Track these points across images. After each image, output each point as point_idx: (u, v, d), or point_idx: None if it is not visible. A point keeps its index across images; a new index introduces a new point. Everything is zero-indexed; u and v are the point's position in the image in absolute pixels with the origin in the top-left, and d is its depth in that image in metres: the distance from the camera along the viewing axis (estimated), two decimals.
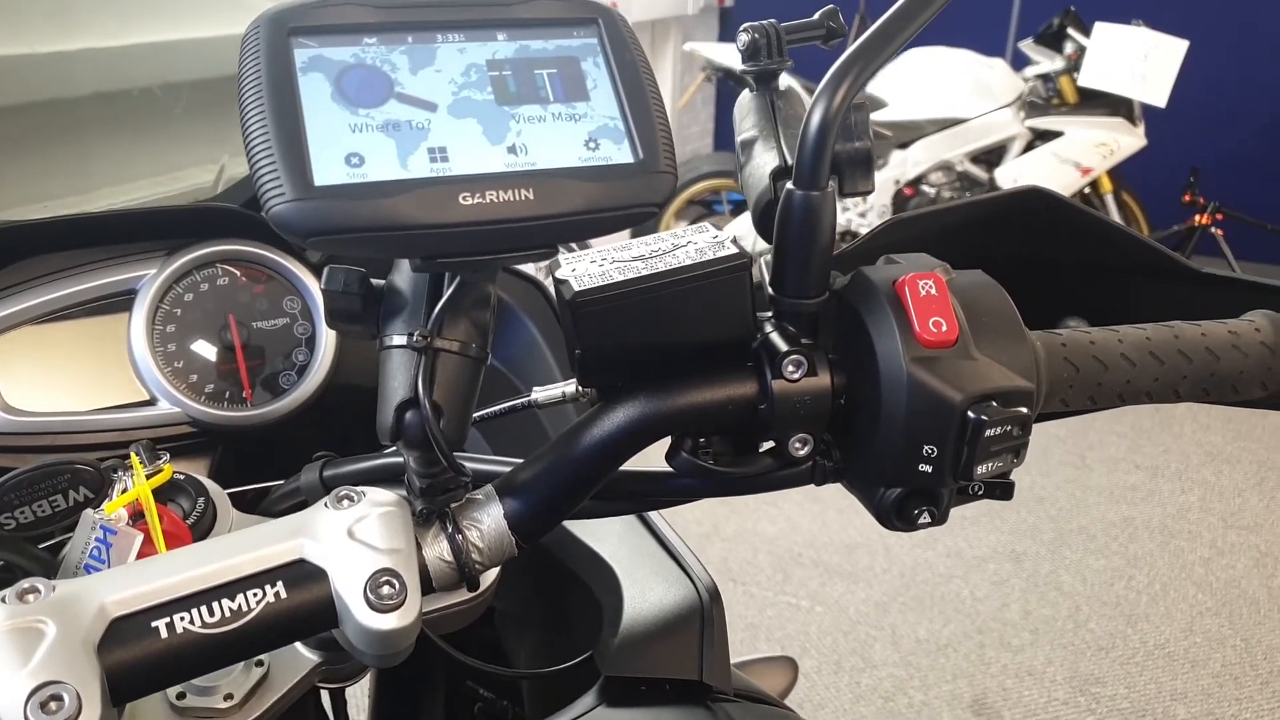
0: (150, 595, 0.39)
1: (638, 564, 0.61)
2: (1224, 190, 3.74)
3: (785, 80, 0.54)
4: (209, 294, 0.69)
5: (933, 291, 0.43)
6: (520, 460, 0.48)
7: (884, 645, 2.28)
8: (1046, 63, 3.75)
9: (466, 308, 0.43)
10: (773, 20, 0.52)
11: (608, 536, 0.63)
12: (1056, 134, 3.66)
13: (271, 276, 0.71)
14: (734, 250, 0.44)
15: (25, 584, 0.39)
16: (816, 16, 0.52)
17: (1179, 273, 0.57)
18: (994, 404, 0.42)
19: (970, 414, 0.41)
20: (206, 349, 0.68)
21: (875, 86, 3.82)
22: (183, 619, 0.39)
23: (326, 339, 0.71)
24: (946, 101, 3.69)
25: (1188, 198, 3.68)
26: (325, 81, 0.37)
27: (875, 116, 3.66)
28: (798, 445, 0.45)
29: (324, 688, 0.53)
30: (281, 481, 0.62)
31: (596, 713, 0.51)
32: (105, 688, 0.37)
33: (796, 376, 0.44)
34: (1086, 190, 3.66)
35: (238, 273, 0.70)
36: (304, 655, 0.51)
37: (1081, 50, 3.49)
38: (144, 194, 0.87)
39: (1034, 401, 0.43)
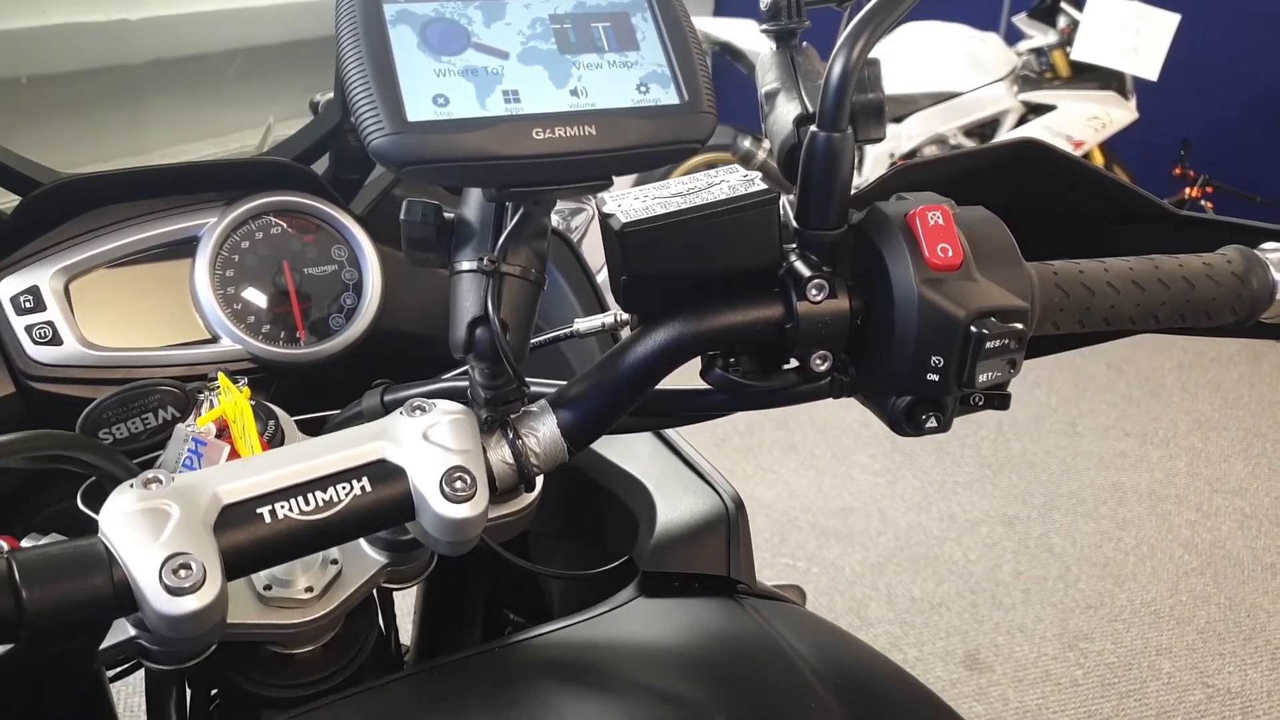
0: (255, 486, 0.45)
1: (667, 479, 0.67)
2: (1214, 163, 3.80)
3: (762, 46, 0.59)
4: (264, 242, 0.74)
5: (940, 222, 0.49)
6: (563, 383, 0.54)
7: (879, 604, 2.35)
8: (1040, 37, 3.79)
9: (527, 237, 0.48)
10: None
11: (637, 458, 0.69)
12: (1049, 107, 3.70)
13: (320, 226, 0.76)
14: (763, 187, 0.49)
15: (149, 474, 0.45)
16: None
17: (1161, 216, 0.63)
18: (993, 320, 0.47)
19: (973, 328, 0.47)
20: (263, 292, 0.73)
21: None
22: (283, 507, 0.45)
23: (372, 286, 0.76)
24: (940, 75, 3.73)
25: (1178, 171, 3.74)
26: (412, 33, 0.43)
27: None
28: (818, 361, 0.51)
29: (388, 588, 0.59)
30: (337, 411, 0.67)
31: (635, 603, 0.57)
32: (222, 562, 0.43)
33: (819, 299, 0.49)
34: None
35: (290, 222, 0.75)
36: (372, 557, 0.57)
37: (1074, 24, 3.53)
38: (196, 155, 0.92)
39: (1029, 319, 0.49)
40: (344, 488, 0.46)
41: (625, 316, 0.57)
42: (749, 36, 3.48)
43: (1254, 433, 3.14)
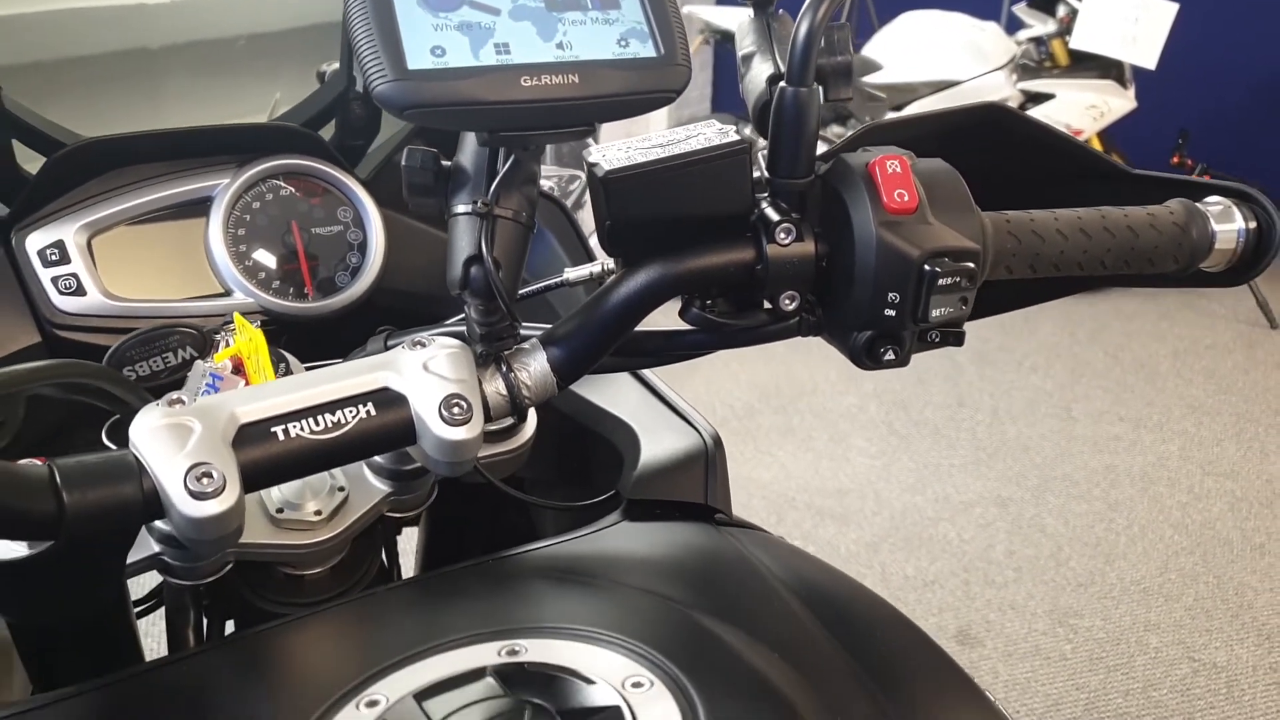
0: (270, 408, 0.49)
1: (650, 419, 0.71)
2: (1212, 152, 3.83)
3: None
4: (274, 202, 0.78)
5: (898, 170, 0.53)
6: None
7: (873, 581, 2.40)
8: (1039, 26, 3.82)
9: (518, 183, 0.52)
10: None
11: (624, 402, 0.74)
12: (1048, 96, 3.73)
13: (327, 189, 0.80)
14: (737, 138, 0.54)
15: (171, 395, 0.49)
16: None
17: (1117, 175, 0.67)
18: (946, 259, 0.52)
19: (926, 266, 0.51)
20: (273, 250, 0.77)
21: (870, 50, 3.90)
22: (295, 427, 0.49)
23: (375, 246, 0.81)
24: (940, 64, 3.76)
25: (1176, 159, 3.77)
26: None
27: (870, 79, 3.74)
28: (787, 301, 0.55)
29: (392, 516, 0.63)
30: (340, 360, 0.71)
31: (619, 526, 0.62)
32: (240, 474, 0.47)
33: (787, 242, 0.54)
34: None
35: (298, 185, 0.79)
36: (376, 486, 0.61)
37: (1074, 13, 3.56)
38: None
39: (980, 260, 0.53)
40: (351, 411, 0.50)
41: (611, 265, 0.61)
42: None
43: (1247, 418, 3.17)
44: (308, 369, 0.71)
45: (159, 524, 0.53)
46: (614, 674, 0.45)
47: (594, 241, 0.70)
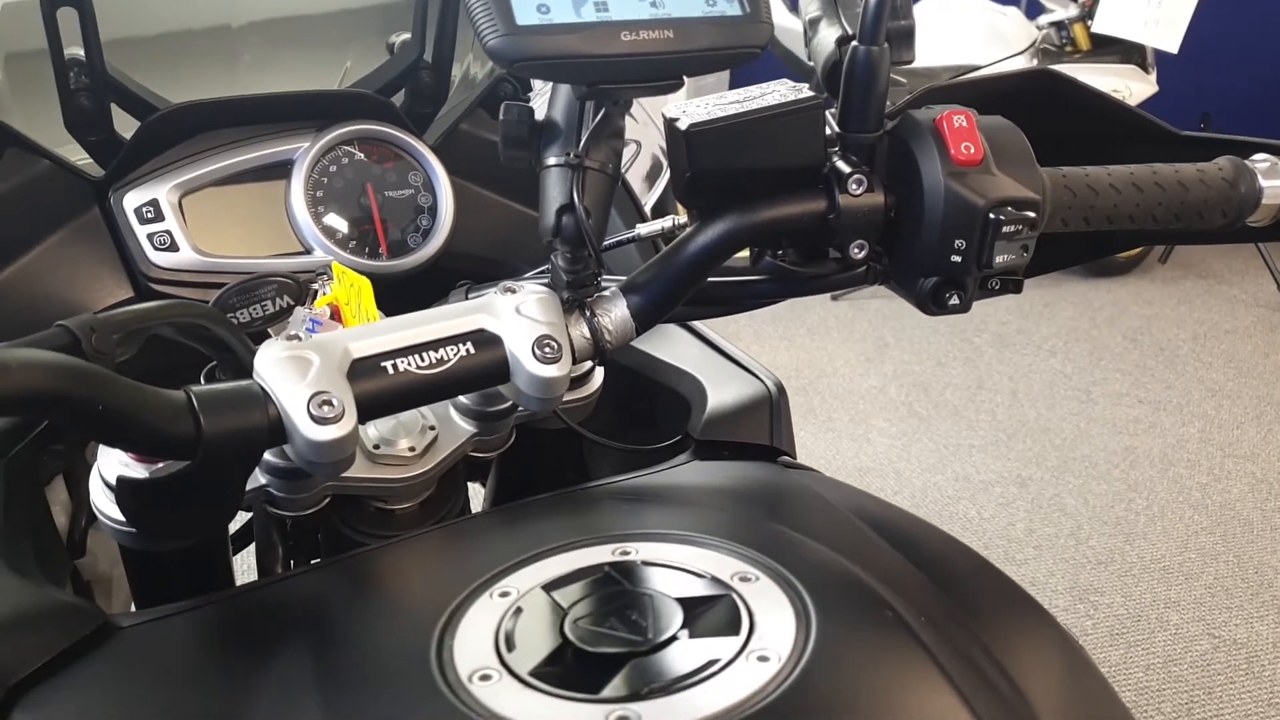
0: (379, 345, 0.53)
1: (714, 369, 0.75)
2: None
3: None
4: (349, 166, 0.82)
5: (964, 125, 0.56)
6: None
7: None
8: (1060, 10, 3.82)
9: (606, 136, 0.56)
10: None
11: (686, 356, 0.77)
12: None
13: (400, 155, 0.84)
14: (811, 94, 0.57)
15: (289, 330, 0.53)
16: None
17: (1165, 136, 0.70)
18: (1009, 208, 0.55)
19: (991, 215, 0.55)
20: (349, 211, 0.81)
21: None
22: (404, 362, 0.53)
23: (445, 210, 0.84)
24: (961, 49, 3.77)
25: None
26: None
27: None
28: (856, 250, 0.59)
29: (474, 456, 0.67)
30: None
31: (690, 465, 0.65)
32: (355, 403, 0.51)
33: (859, 192, 0.57)
34: None
35: (372, 150, 0.83)
36: (462, 426, 0.65)
37: None
38: None
39: (1040, 210, 0.57)
40: (452, 349, 0.54)
41: (681, 220, 0.65)
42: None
43: (1267, 400, 3.19)
44: None
45: (269, 456, 0.57)
46: (722, 570, 0.49)
47: (647, 205, 0.74)
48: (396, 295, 0.82)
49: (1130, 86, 3.68)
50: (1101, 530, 2.55)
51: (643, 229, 0.68)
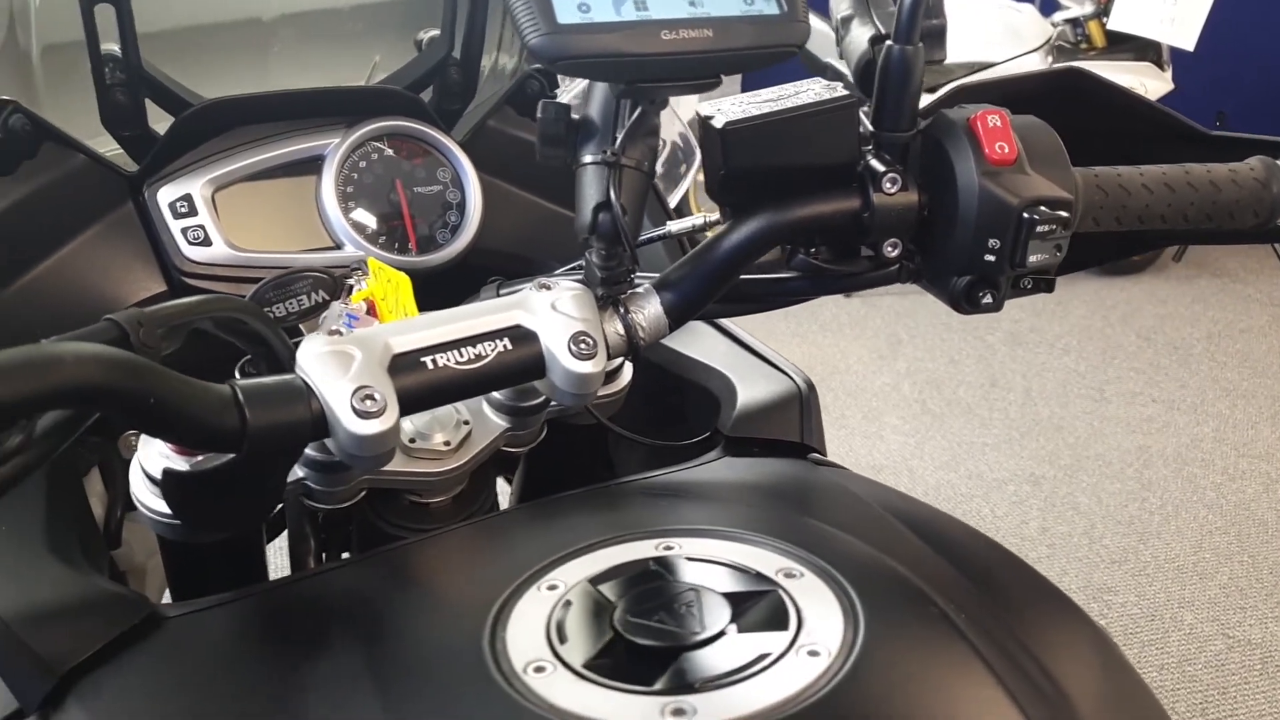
0: (419, 340, 0.54)
1: (744, 367, 0.75)
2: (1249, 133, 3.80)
3: None
4: (379, 162, 0.83)
5: (998, 124, 0.56)
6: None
7: None
8: (1076, 7, 3.81)
9: (642, 134, 0.56)
10: None
11: (715, 353, 0.78)
12: None
13: (428, 151, 0.85)
14: (845, 93, 0.57)
15: (331, 325, 0.53)
16: None
17: (1194, 136, 0.70)
18: (1043, 208, 0.55)
19: (1025, 214, 0.55)
20: (379, 207, 0.82)
21: None
22: (443, 357, 0.54)
23: (473, 206, 0.85)
24: (976, 45, 3.76)
25: None
26: None
27: None
28: (889, 249, 0.59)
29: (506, 450, 0.67)
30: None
31: (721, 461, 0.66)
32: (396, 399, 0.52)
33: (893, 191, 0.57)
34: None
35: (401, 146, 0.84)
36: (495, 421, 0.66)
37: None
38: None
39: (1073, 210, 0.57)
40: (490, 345, 0.55)
41: (713, 218, 0.65)
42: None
43: None
44: None
45: (308, 450, 0.58)
46: (766, 565, 0.50)
47: (672, 203, 0.74)
48: (426, 291, 0.82)
49: (1146, 84, 3.67)
50: (1115, 529, 2.55)
51: (674, 226, 0.68)
